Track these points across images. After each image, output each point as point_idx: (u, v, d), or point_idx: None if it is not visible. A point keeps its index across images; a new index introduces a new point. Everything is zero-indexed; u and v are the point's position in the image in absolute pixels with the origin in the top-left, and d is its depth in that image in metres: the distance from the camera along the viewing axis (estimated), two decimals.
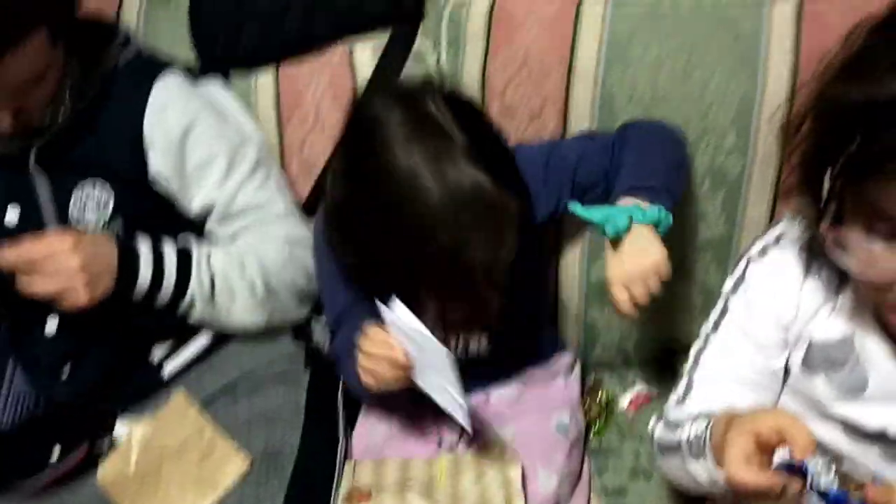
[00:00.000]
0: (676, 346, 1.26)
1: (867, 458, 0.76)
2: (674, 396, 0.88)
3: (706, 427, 0.73)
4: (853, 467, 0.77)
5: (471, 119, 0.88)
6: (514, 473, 0.98)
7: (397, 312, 0.85)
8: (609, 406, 1.22)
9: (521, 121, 1.15)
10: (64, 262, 0.93)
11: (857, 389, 0.74)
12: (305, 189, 1.23)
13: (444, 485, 0.99)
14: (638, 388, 1.25)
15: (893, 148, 0.58)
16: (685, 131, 1.11)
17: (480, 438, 1.07)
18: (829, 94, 0.66)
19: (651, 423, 0.90)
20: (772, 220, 1.16)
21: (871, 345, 0.73)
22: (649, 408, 1.22)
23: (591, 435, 1.18)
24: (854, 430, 0.75)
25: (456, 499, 0.97)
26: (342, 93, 1.18)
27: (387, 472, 1.03)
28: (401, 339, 0.86)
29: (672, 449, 0.80)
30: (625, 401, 1.23)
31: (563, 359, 1.20)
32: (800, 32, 1.07)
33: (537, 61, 1.11)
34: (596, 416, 1.20)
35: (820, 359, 0.76)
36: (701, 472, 0.74)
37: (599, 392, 1.23)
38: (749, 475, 0.61)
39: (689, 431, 0.77)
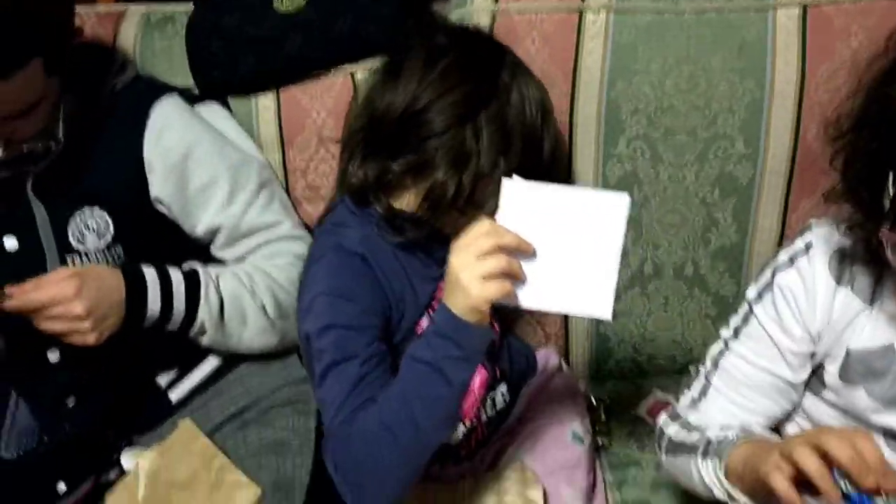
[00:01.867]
0: (690, 357, 1.25)
1: None
2: (687, 397, 0.87)
3: (734, 439, 0.73)
4: None
5: None
6: (535, 495, 0.96)
7: (525, 183, 0.75)
8: (610, 412, 1.21)
9: None
10: (68, 308, 0.91)
11: None
12: (311, 212, 1.21)
13: (466, 498, 0.97)
14: (656, 397, 1.23)
15: None
16: (693, 140, 1.10)
17: (501, 459, 1.04)
18: (888, 97, 0.65)
19: (661, 419, 0.89)
20: (783, 228, 1.16)
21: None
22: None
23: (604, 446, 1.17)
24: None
25: None
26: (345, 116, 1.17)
27: (405, 499, 1.00)
28: (515, 227, 0.75)
29: (686, 448, 0.80)
30: (643, 409, 1.22)
31: (550, 358, 1.17)
32: (805, 37, 1.07)
33: (540, 74, 1.10)
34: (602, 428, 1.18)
35: (860, 369, 0.75)
36: (708, 471, 0.75)
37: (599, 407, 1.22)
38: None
39: (714, 434, 0.77)
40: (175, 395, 1.14)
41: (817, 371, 0.80)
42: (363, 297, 0.89)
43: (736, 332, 0.83)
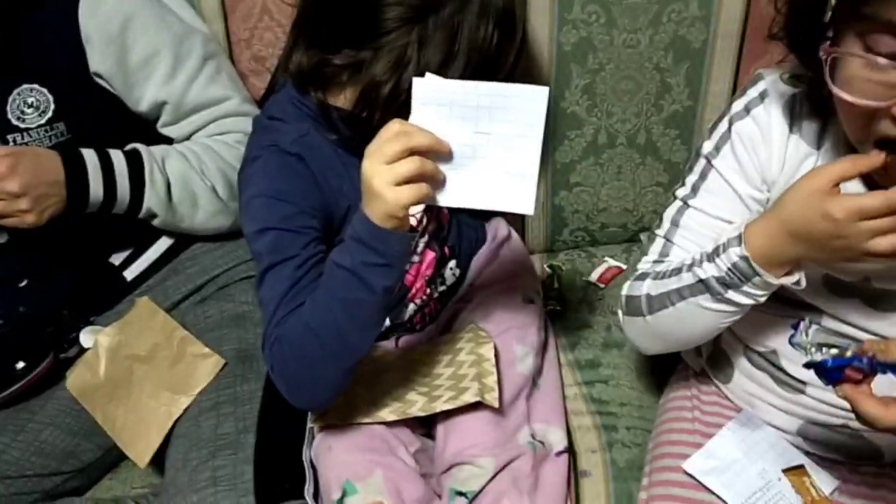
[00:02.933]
0: (641, 225, 1.28)
1: (848, 314, 0.77)
2: (647, 260, 0.87)
3: (741, 255, 0.71)
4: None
5: None
6: (487, 351, 0.98)
7: (439, 80, 0.72)
8: (562, 280, 1.24)
9: None
10: (2, 186, 0.89)
11: None
12: (259, 85, 1.18)
13: (421, 371, 1.00)
14: (607, 264, 1.26)
15: None
16: (647, 2, 1.09)
17: (454, 324, 1.07)
18: None
19: (623, 289, 0.88)
20: (734, 92, 1.15)
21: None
22: (619, 280, 1.22)
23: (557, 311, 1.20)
24: (836, 284, 0.76)
25: (431, 381, 0.97)
26: None
27: (364, 362, 1.02)
28: (431, 126, 0.73)
29: (673, 293, 0.79)
30: (595, 275, 1.25)
31: (499, 228, 1.18)
32: None
33: None
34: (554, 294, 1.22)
35: None
36: (735, 301, 0.74)
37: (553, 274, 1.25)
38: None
39: (706, 269, 0.75)
40: (130, 273, 1.13)
41: None
42: (299, 198, 0.87)
43: (694, 189, 0.83)
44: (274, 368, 0.86)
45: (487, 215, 1.21)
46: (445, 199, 0.76)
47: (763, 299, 0.74)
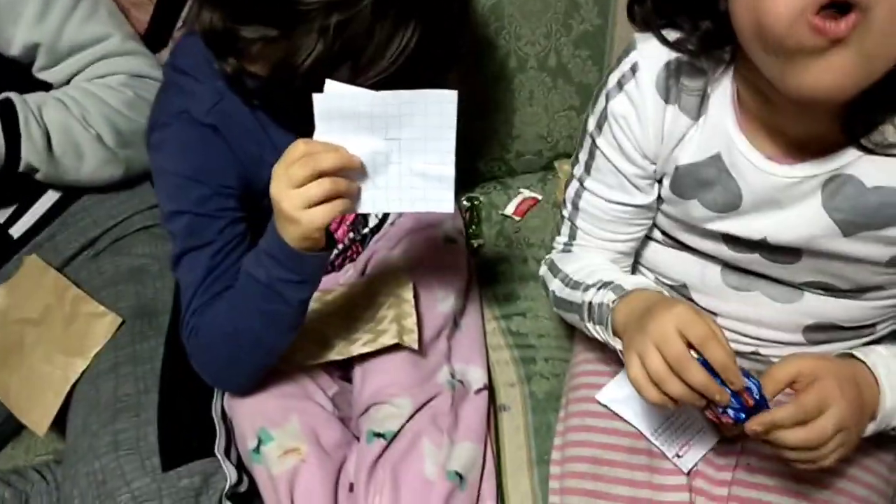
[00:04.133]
0: (556, 151, 1.25)
1: (751, 264, 0.77)
2: (559, 241, 0.88)
3: (611, 304, 0.74)
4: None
5: None
6: (406, 292, 0.96)
7: (339, 91, 0.70)
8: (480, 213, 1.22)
9: None
10: None
11: (731, 205, 0.73)
12: (142, 19, 1.09)
13: (339, 314, 0.97)
14: (523, 195, 1.24)
15: None
16: None
17: (374, 264, 1.04)
18: None
19: (542, 269, 0.90)
20: None
21: (739, 158, 0.71)
22: (535, 212, 1.22)
23: (479, 247, 1.18)
24: (735, 241, 0.76)
25: (349, 324, 0.95)
26: None
27: None
28: (338, 139, 0.71)
29: (572, 305, 0.81)
30: (510, 208, 1.23)
31: None
32: None
33: None
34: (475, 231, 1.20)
35: (690, 182, 0.75)
36: (599, 334, 0.77)
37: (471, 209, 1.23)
38: (654, 394, 0.65)
39: (592, 297, 0.77)
40: (16, 230, 1.05)
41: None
42: (215, 178, 0.83)
43: (587, 168, 0.81)
44: (193, 357, 0.86)
45: None
46: (364, 207, 0.75)
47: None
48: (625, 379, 0.85)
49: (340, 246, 1.00)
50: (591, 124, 0.79)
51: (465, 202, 1.24)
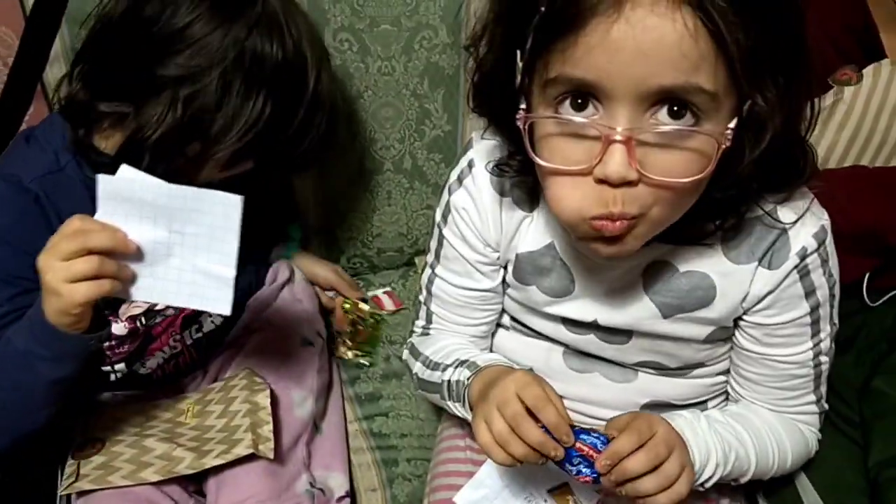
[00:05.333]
0: (417, 248, 1.29)
1: (588, 345, 0.82)
2: (418, 325, 0.91)
3: (466, 381, 0.78)
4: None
5: None
6: (262, 399, 0.94)
7: (128, 176, 0.69)
8: (362, 318, 1.21)
9: None
10: None
11: (565, 292, 0.79)
12: None
13: (191, 423, 0.94)
14: (385, 290, 1.26)
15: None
16: (398, 30, 1.08)
17: (228, 369, 1.02)
18: None
19: (405, 354, 0.92)
20: None
21: (570, 250, 0.77)
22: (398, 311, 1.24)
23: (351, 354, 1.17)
24: (572, 323, 0.81)
25: (201, 434, 0.92)
26: None
27: (126, 419, 0.94)
28: (120, 223, 0.71)
29: (433, 386, 0.84)
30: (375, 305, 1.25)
31: (280, 270, 1.15)
32: None
33: None
34: (350, 332, 1.18)
35: (529, 269, 0.80)
36: (459, 410, 0.81)
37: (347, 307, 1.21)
38: (501, 455, 0.68)
39: (450, 375, 0.81)
40: None
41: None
42: (23, 243, 0.80)
43: (437, 256, 0.85)
44: None
45: (267, 258, 1.17)
46: (138, 295, 0.73)
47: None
48: (481, 479, 0.87)
49: (166, 350, 0.98)
50: (438, 216, 0.83)
51: (342, 308, 1.21)
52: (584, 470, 0.68)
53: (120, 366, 0.95)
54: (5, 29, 0.99)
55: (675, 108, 0.57)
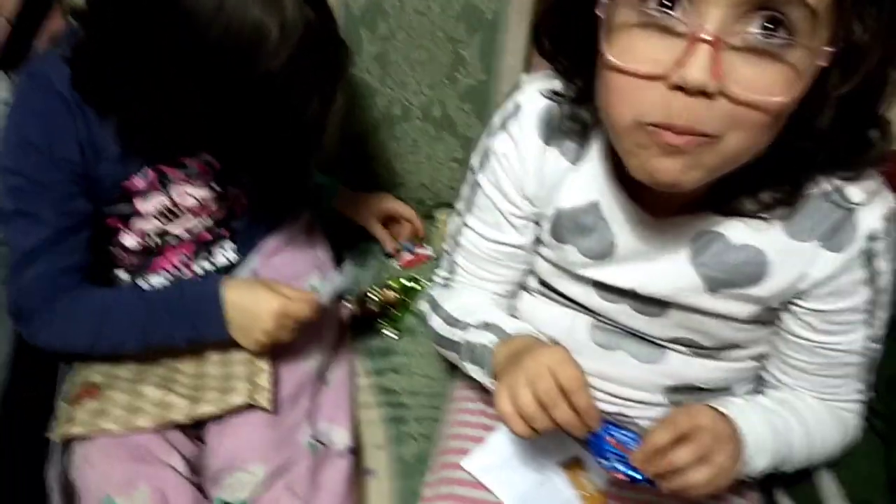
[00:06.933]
0: (439, 200, 1.24)
1: (619, 315, 0.77)
2: (440, 275, 0.86)
3: (491, 347, 0.73)
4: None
5: None
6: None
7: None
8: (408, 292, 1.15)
9: None
10: None
11: (605, 254, 0.74)
12: None
13: (188, 371, 0.91)
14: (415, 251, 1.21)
15: None
16: None
17: None
18: None
19: (423, 305, 0.88)
20: (529, 68, 1.12)
21: (616, 209, 0.72)
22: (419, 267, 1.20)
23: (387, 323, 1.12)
24: (606, 289, 0.76)
25: (198, 382, 0.89)
26: None
27: (123, 365, 0.91)
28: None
29: (451, 343, 0.80)
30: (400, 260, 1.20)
31: (301, 219, 1.11)
32: None
33: None
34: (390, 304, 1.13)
35: (569, 226, 0.75)
36: (477, 374, 0.76)
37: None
38: (521, 427, 0.65)
39: (473, 337, 0.77)
40: None
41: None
42: (57, 147, 0.81)
43: (468, 204, 0.81)
44: (21, 315, 0.86)
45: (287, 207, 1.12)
46: None
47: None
48: (492, 446, 0.83)
49: (169, 268, 0.96)
50: (475, 161, 0.79)
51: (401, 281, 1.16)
52: (618, 466, 0.65)
53: (125, 276, 0.93)
54: None
55: (770, 24, 0.52)
